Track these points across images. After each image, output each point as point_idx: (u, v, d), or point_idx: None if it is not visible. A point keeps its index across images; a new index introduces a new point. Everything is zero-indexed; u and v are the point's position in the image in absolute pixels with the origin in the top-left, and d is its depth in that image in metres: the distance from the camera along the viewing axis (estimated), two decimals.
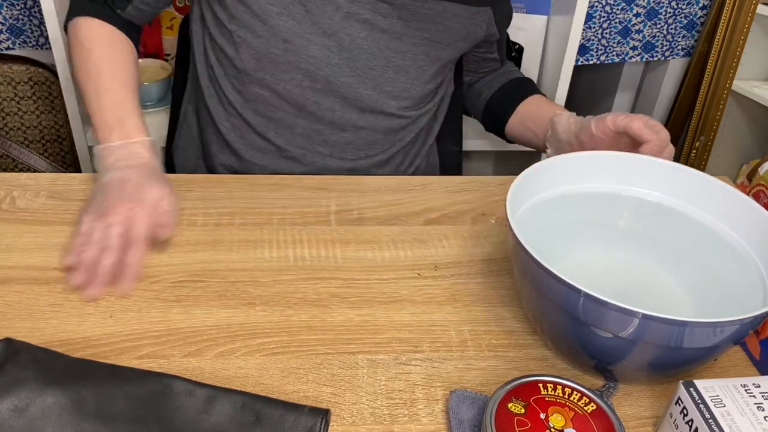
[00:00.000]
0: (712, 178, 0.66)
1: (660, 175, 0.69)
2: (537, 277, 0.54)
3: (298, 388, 0.57)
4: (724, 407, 0.48)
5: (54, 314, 0.63)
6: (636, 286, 0.66)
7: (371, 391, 0.57)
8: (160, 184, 0.73)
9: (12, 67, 1.46)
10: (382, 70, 0.87)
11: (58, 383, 0.52)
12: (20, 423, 0.50)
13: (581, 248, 0.69)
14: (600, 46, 1.62)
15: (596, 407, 0.50)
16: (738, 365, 0.62)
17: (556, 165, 0.68)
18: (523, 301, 0.63)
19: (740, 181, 1.59)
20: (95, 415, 0.51)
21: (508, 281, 0.71)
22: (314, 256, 0.73)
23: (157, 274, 0.69)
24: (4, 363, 0.54)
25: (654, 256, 0.69)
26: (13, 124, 1.52)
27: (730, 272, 0.64)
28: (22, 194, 0.80)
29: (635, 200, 0.70)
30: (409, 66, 0.89)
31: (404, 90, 0.90)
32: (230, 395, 0.53)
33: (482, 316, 0.66)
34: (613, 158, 0.70)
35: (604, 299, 0.49)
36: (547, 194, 0.68)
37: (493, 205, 0.83)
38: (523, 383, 0.52)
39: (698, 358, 0.54)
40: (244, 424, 0.51)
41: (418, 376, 0.59)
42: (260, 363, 0.59)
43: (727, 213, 0.65)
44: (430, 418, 0.55)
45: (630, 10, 1.58)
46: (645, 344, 0.51)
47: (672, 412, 0.51)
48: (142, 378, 0.54)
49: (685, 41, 1.66)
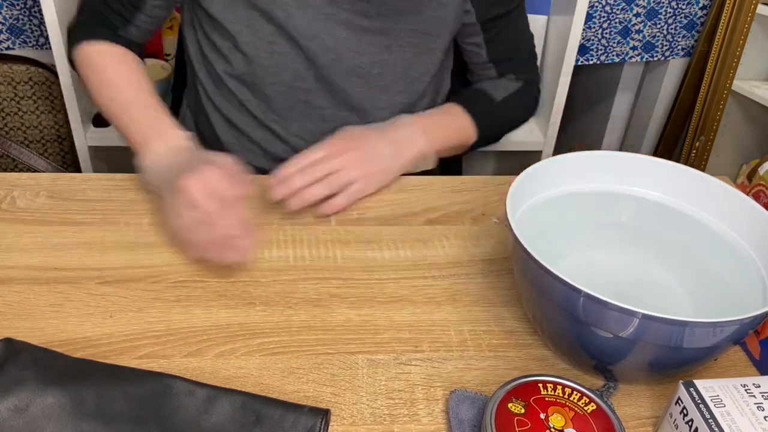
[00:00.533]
0: (712, 178, 0.66)
1: (660, 175, 0.69)
2: (537, 277, 0.54)
3: (298, 388, 0.57)
4: (724, 407, 0.48)
5: (54, 314, 0.63)
6: (636, 286, 0.66)
7: (371, 391, 0.57)
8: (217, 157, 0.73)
9: (12, 67, 1.46)
10: (368, 67, 0.87)
11: (58, 383, 0.52)
12: (20, 423, 0.50)
13: (581, 248, 0.69)
14: (600, 46, 1.62)
15: (596, 407, 0.50)
16: (738, 365, 0.62)
17: (556, 165, 0.68)
18: (523, 301, 0.63)
19: (740, 181, 1.59)
20: (95, 415, 0.51)
21: (508, 281, 0.71)
22: (314, 256, 0.73)
23: (157, 274, 0.69)
24: (4, 363, 0.54)
25: (654, 256, 0.69)
26: (13, 124, 1.52)
27: (730, 272, 0.64)
28: (22, 194, 0.80)
29: (635, 200, 0.70)
30: (397, 60, 0.88)
31: (394, 84, 0.90)
32: (230, 395, 0.53)
33: (482, 316, 0.66)
34: (613, 158, 0.70)
35: (604, 299, 0.49)
36: (547, 194, 0.68)
37: (493, 205, 0.83)
38: (523, 383, 0.52)
39: (698, 358, 0.54)
40: (244, 424, 0.51)
41: (418, 376, 0.59)
42: (260, 363, 0.59)
43: (727, 213, 0.65)
44: (430, 418, 0.55)
45: (630, 10, 1.58)
46: (645, 344, 0.51)
47: (672, 412, 0.51)
48: (142, 378, 0.54)
49: (685, 41, 1.66)
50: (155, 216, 0.77)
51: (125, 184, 0.83)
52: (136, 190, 0.82)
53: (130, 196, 0.80)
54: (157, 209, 0.77)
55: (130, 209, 0.78)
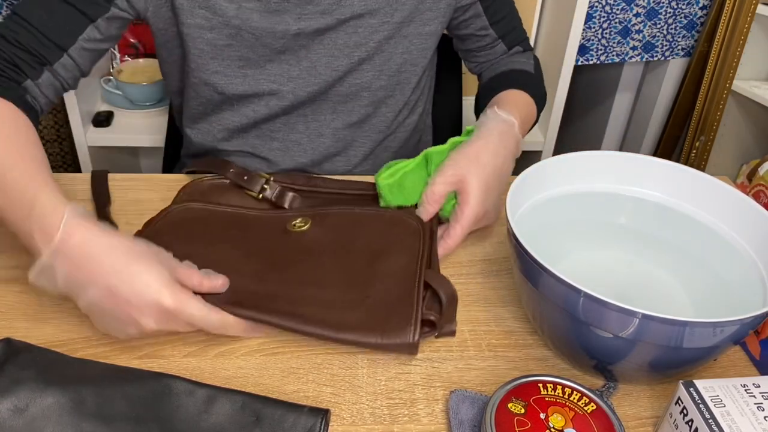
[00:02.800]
0: (712, 178, 0.66)
1: (660, 175, 0.69)
2: (537, 277, 0.54)
3: (298, 388, 0.57)
4: (724, 407, 0.48)
5: (54, 314, 0.63)
6: (636, 286, 0.66)
7: (371, 391, 0.57)
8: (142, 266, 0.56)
9: None
10: (346, 67, 0.86)
11: (58, 383, 0.52)
12: (20, 423, 0.50)
13: (581, 248, 0.69)
14: (600, 46, 1.62)
15: (596, 407, 0.50)
16: (738, 365, 0.62)
17: (556, 165, 0.68)
18: (523, 301, 0.63)
19: (740, 181, 1.59)
20: (95, 415, 0.51)
21: (508, 281, 0.71)
22: None
23: None
24: (4, 363, 0.54)
25: (654, 256, 0.69)
26: None
27: (730, 272, 0.64)
28: None
29: (635, 200, 0.70)
30: (374, 54, 0.86)
31: (374, 79, 0.88)
32: (230, 395, 0.53)
33: (482, 316, 0.66)
34: (613, 158, 0.70)
35: (604, 299, 0.49)
36: (547, 194, 0.68)
37: None
38: (523, 383, 0.52)
39: (698, 358, 0.54)
40: (243, 424, 0.51)
41: (418, 376, 0.59)
42: (260, 363, 0.59)
43: (727, 213, 0.65)
44: (430, 418, 0.55)
45: (630, 10, 1.58)
46: (645, 344, 0.51)
47: (672, 412, 0.51)
48: (142, 378, 0.54)
49: (685, 41, 1.66)
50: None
51: (125, 184, 0.83)
52: (136, 190, 0.82)
53: (130, 196, 0.80)
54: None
55: (130, 209, 0.78)
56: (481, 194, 0.70)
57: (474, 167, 0.71)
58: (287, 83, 0.85)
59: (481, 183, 0.70)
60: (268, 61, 0.83)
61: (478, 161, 0.71)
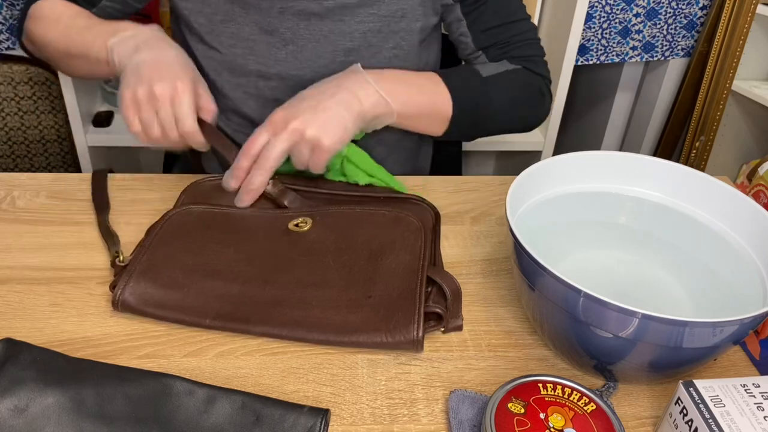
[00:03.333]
0: (712, 178, 0.66)
1: (660, 175, 0.69)
2: (537, 277, 0.54)
3: (298, 388, 0.57)
4: (723, 407, 0.48)
5: (54, 314, 0.63)
6: (636, 286, 0.66)
7: (371, 391, 0.57)
8: (192, 68, 0.77)
9: (12, 67, 1.46)
10: (331, 56, 0.85)
11: (58, 383, 0.52)
12: (20, 423, 0.50)
13: (581, 248, 0.69)
14: (600, 46, 1.62)
15: (596, 407, 0.50)
16: (738, 365, 0.62)
17: (556, 165, 0.68)
18: (523, 301, 0.63)
19: (740, 181, 1.59)
20: (95, 415, 0.51)
21: (508, 281, 0.71)
22: None
23: None
24: (4, 363, 0.54)
25: (654, 256, 0.69)
26: (13, 124, 1.52)
27: (730, 272, 0.64)
28: (22, 194, 0.80)
29: (635, 200, 0.70)
30: (360, 46, 0.85)
31: None
32: (230, 395, 0.53)
33: (482, 316, 0.66)
34: (613, 158, 0.70)
35: (604, 299, 0.49)
36: (547, 194, 0.68)
37: (493, 205, 0.83)
38: (522, 383, 0.52)
39: (698, 358, 0.54)
40: (243, 424, 0.51)
41: (418, 376, 0.59)
42: (260, 363, 0.59)
43: (727, 213, 0.65)
44: (430, 418, 0.55)
45: (630, 10, 1.58)
46: (645, 344, 0.51)
47: (672, 412, 0.51)
48: (142, 378, 0.54)
49: (685, 41, 1.66)
50: None
51: (125, 184, 0.83)
52: (136, 190, 0.82)
53: (130, 196, 0.80)
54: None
55: (130, 209, 0.78)
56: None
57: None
58: (274, 65, 0.85)
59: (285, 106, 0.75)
60: (255, 41, 0.84)
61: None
